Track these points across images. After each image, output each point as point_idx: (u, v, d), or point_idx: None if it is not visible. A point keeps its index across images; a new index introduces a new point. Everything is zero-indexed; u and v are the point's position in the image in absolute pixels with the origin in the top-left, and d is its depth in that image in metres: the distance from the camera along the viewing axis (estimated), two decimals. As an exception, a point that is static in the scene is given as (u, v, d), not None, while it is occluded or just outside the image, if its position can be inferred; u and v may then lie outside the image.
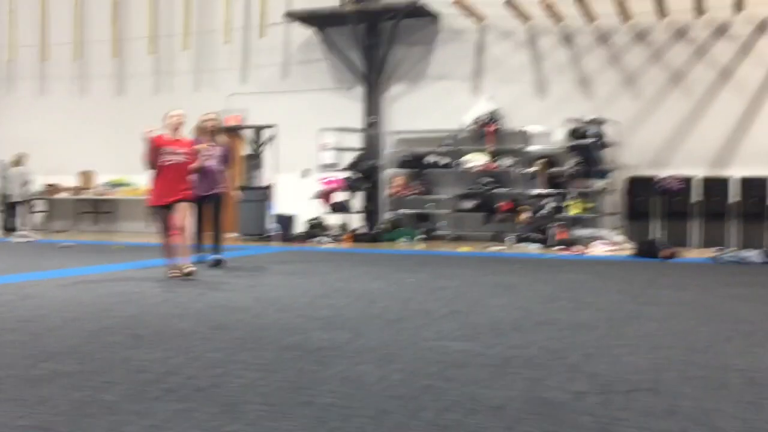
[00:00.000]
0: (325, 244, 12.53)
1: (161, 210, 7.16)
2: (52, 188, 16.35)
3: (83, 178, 16.32)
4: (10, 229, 15.12)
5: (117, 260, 9.15)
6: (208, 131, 8.25)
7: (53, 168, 16.11)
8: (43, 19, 16.26)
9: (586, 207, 11.99)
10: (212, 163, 8.14)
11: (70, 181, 16.31)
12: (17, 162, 14.96)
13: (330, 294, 6.11)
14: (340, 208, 13.38)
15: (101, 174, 16.22)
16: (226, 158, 8.45)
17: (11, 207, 15.23)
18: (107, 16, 15.84)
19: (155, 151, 7.13)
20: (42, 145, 16.23)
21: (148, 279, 7.10)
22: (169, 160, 7.13)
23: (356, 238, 12.86)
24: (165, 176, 7.13)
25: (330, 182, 13.20)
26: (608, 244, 11.03)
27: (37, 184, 15.83)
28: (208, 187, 8.14)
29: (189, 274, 6.98)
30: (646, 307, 5.45)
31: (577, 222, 12.22)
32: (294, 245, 12.27)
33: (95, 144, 16.08)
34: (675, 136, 12.18)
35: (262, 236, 13.12)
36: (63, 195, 16.33)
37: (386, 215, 13.71)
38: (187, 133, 7.66)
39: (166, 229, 7.12)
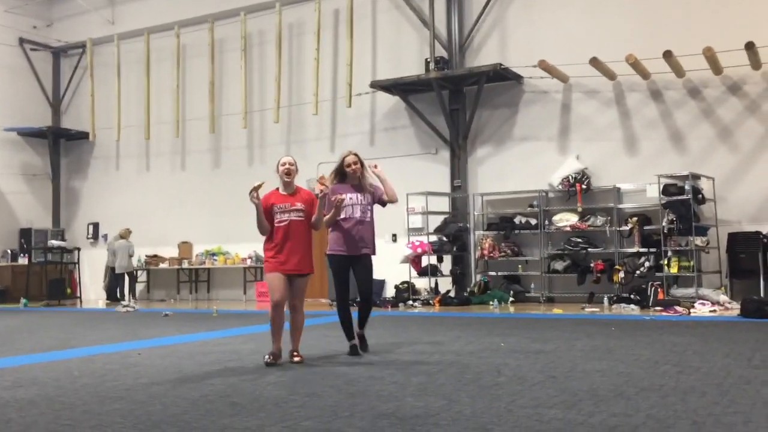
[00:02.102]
0: (415, 308, 12.49)
1: (274, 278, 5.98)
2: (154, 259, 17.11)
3: (182, 248, 17.02)
4: (114, 299, 15.87)
5: (214, 328, 9.40)
6: (353, 175, 6.39)
7: (154, 240, 16.93)
8: (147, 100, 17.36)
9: (684, 265, 11.50)
10: (358, 214, 6.33)
11: (169, 251, 17.04)
12: (124, 235, 15.86)
13: (422, 359, 6.05)
14: (428, 271, 13.36)
15: (198, 244, 16.88)
16: (375, 203, 6.50)
17: (117, 278, 16.02)
18: (204, 95, 16.75)
19: (267, 211, 5.98)
20: (144, 218, 17.15)
21: (243, 346, 7.24)
22: (284, 220, 5.96)
23: (446, 301, 12.77)
24: (280, 239, 5.96)
25: (418, 246, 13.24)
26: (711, 303, 10.50)
27: (140, 255, 16.66)
28: (353, 246, 6.33)
29: (298, 362, 5.92)
30: (759, 371, 5.11)
31: (676, 281, 11.73)
32: (384, 310, 12.29)
33: (193, 215, 16.82)
34: (778, 189, 11.62)
35: (353, 302, 13.20)
36: (163, 265, 17.05)
37: (476, 278, 13.59)
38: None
39: (278, 303, 5.95)
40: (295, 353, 5.99)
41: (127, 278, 15.98)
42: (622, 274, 11.84)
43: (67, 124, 19.11)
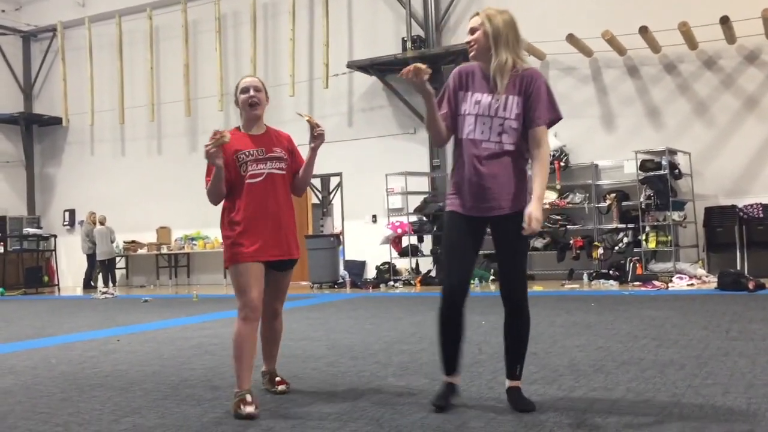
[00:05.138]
0: (397, 288, 12.50)
1: (248, 270, 3.72)
2: (132, 245, 16.96)
3: (160, 233, 16.88)
4: (89, 286, 15.73)
5: (194, 312, 9.34)
6: (478, 56, 3.48)
7: (132, 225, 16.76)
8: (121, 84, 17.09)
9: (662, 240, 11.61)
10: (488, 136, 3.37)
11: (148, 237, 16.89)
12: (102, 221, 15.73)
13: (404, 339, 6.05)
14: (409, 252, 13.36)
15: (177, 229, 16.75)
16: (536, 120, 3.34)
17: (99, 264, 15.84)
18: (179, 77, 16.52)
19: (226, 164, 3.76)
20: (121, 204, 16.97)
21: (224, 329, 7.20)
22: (259, 174, 3.80)
23: (427, 281, 12.79)
24: (255, 204, 3.78)
25: (398, 227, 13.23)
26: (689, 277, 10.62)
27: (118, 241, 16.51)
28: (476, 198, 3.38)
29: (282, 392, 4.05)
30: (736, 342, 5.18)
31: (654, 256, 11.84)
32: (365, 291, 12.29)
33: (171, 200, 16.65)
34: (753, 163, 11.73)
35: (334, 283, 13.21)
36: (142, 251, 16.91)
37: (456, 257, 13.59)
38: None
39: (255, 309, 3.72)
40: (278, 377, 4.13)
41: (106, 265, 15.86)
42: (601, 251, 11.93)
43: (40, 110, 18.78)
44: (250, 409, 3.51)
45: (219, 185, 3.77)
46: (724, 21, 10.94)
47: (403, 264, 13.69)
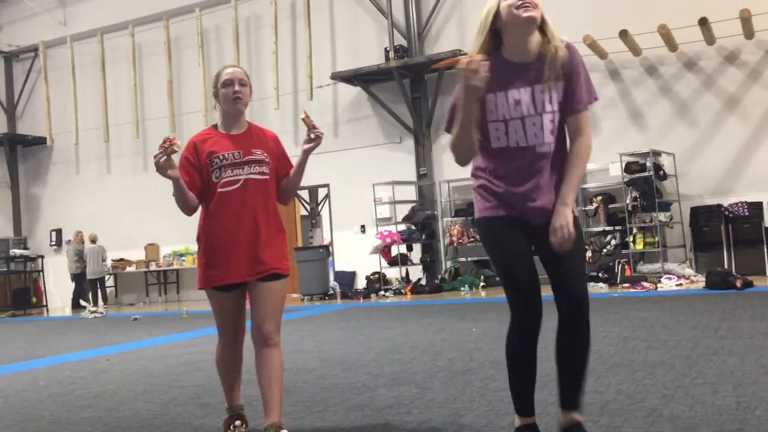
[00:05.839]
0: (387, 298, 12.49)
1: (223, 295, 3.40)
2: (120, 263, 16.87)
3: (149, 250, 16.80)
4: (79, 305, 15.62)
5: (184, 329, 9.29)
6: (519, 39, 2.85)
7: (120, 243, 16.68)
8: (105, 102, 17.04)
9: (650, 241, 11.67)
10: (528, 133, 2.74)
11: (136, 254, 16.81)
12: (93, 240, 15.65)
13: (395, 349, 6.04)
14: (399, 261, 13.36)
15: (165, 245, 16.67)
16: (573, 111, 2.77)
17: (89, 283, 15.74)
18: (163, 94, 16.49)
19: (197, 168, 3.37)
20: (108, 222, 16.88)
21: (214, 346, 7.15)
22: (235, 181, 3.30)
23: (417, 289, 12.79)
24: (223, 217, 3.30)
25: (387, 236, 13.23)
26: (677, 277, 10.67)
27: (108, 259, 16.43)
28: (521, 201, 2.82)
29: None
30: (725, 341, 5.20)
31: (642, 257, 11.89)
32: (356, 301, 12.27)
33: (158, 216, 16.55)
34: (736, 162, 11.81)
35: (325, 295, 13.18)
36: (131, 269, 16.82)
37: (446, 265, 13.62)
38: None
39: (231, 333, 3.52)
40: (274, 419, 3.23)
41: (96, 283, 15.76)
42: (589, 253, 11.97)
43: (24, 130, 18.68)
44: (240, 428, 3.48)
45: (184, 197, 3.29)
46: (703, 22, 11.05)
47: (393, 273, 13.68)
